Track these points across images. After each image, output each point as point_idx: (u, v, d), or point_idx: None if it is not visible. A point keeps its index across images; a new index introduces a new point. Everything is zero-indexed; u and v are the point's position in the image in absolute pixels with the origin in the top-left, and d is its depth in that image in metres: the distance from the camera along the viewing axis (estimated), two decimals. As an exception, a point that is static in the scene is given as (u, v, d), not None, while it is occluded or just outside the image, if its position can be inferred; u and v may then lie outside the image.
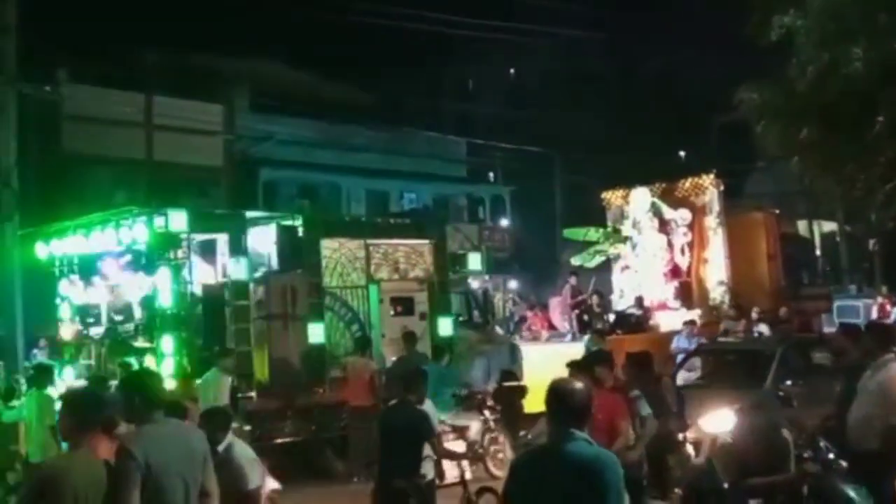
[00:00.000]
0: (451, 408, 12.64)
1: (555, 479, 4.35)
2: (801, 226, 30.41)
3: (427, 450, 7.73)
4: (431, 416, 8.03)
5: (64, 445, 6.96)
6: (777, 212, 23.36)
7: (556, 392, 4.62)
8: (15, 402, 11.68)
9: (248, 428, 11.56)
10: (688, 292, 21.60)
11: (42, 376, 11.08)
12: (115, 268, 14.02)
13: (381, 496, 7.79)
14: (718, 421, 10.13)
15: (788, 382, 12.27)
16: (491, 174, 37.26)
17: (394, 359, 14.00)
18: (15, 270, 16.19)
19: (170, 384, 11.30)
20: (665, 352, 16.48)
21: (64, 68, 22.54)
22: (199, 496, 5.12)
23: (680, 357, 15.42)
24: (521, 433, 13.57)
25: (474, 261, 18.02)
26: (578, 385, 4.68)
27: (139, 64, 24.88)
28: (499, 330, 19.29)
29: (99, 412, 5.12)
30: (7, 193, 16.32)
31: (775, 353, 12.84)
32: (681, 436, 9.61)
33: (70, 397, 5.44)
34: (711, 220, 21.54)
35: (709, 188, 21.63)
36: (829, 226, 34.27)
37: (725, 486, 7.42)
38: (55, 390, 11.16)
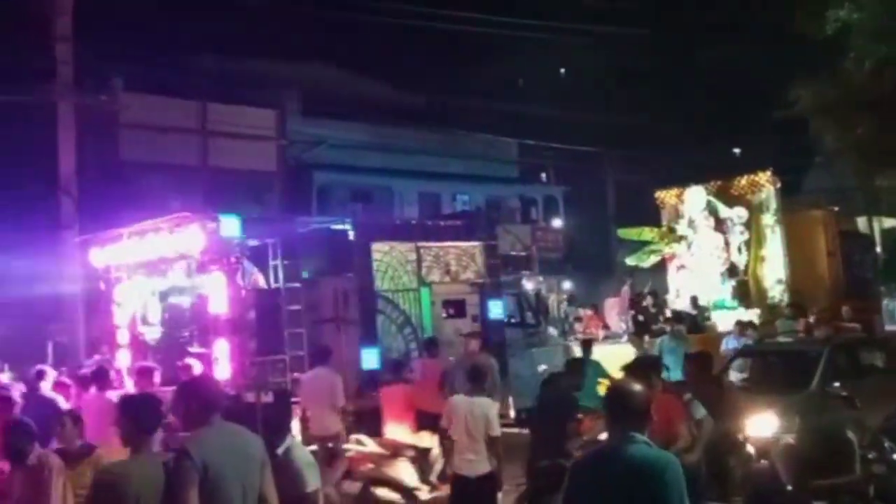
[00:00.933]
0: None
1: (615, 482, 4.29)
2: (861, 222, 29.77)
3: None
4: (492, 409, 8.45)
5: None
6: (836, 208, 22.92)
7: (616, 394, 4.60)
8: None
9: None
10: (745, 291, 21.30)
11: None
12: (170, 273, 14.17)
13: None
14: (762, 424, 9.93)
15: (836, 384, 11.94)
16: (543, 175, 37.10)
17: (451, 359, 13.96)
18: (75, 277, 16.53)
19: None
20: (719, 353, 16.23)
21: (119, 77, 22.91)
22: (258, 502, 5.11)
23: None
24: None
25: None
26: (638, 387, 4.64)
27: (193, 71, 25.24)
28: (552, 331, 19.18)
29: (157, 415, 5.16)
30: (66, 202, 16.68)
31: (821, 354, 12.42)
32: (741, 437, 9.44)
33: (127, 402, 5.49)
34: (769, 218, 21.21)
35: (765, 185, 21.30)
36: (890, 222, 33.52)
37: (789, 488, 7.28)
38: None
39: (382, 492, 10.36)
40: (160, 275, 14.23)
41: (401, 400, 11.45)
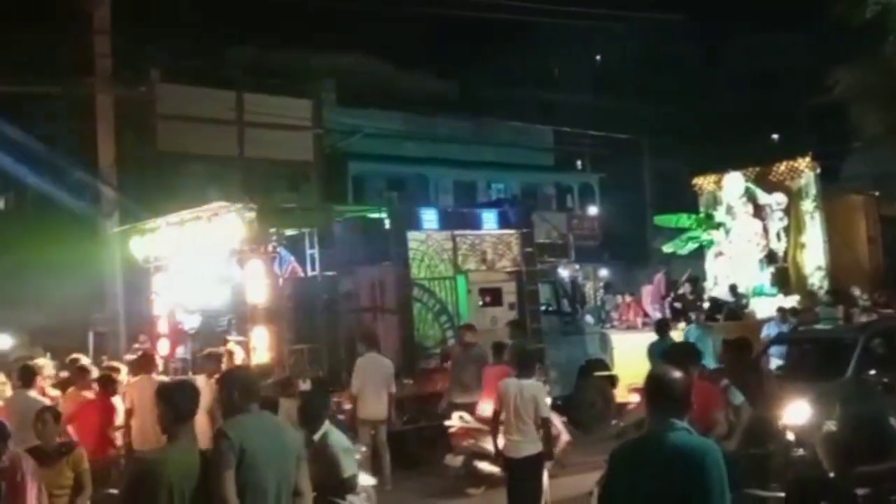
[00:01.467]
0: None
1: (656, 469, 4.29)
2: (902, 207, 29.35)
3: None
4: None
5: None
6: (876, 194, 22.61)
7: (656, 381, 4.58)
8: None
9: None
10: (785, 278, 21.10)
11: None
12: (208, 263, 14.29)
13: None
14: (795, 413, 9.83)
15: (872, 372, 11.59)
16: (579, 162, 36.93)
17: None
18: (115, 267, 16.73)
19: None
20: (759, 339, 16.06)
21: (157, 69, 23.10)
22: (293, 495, 5.14)
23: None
24: (613, 422, 13.46)
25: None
26: (677, 374, 4.61)
27: (230, 62, 25.40)
28: (589, 319, 19.10)
29: (195, 403, 5.19)
30: (106, 192, 16.86)
31: (857, 341, 12.04)
32: (780, 424, 9.36)
33: (165, 389, 5.54)
34: (808, 204, 20.97)
35: (805, 171, 21.06)
36: (932, 207, 33.02)
37: (831, 475, 7.21)
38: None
39: (483, 464, 10.93)
40: (198, 264, 14.35)
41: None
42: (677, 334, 15.81)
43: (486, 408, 11.26)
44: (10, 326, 17.31)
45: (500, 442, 8.84)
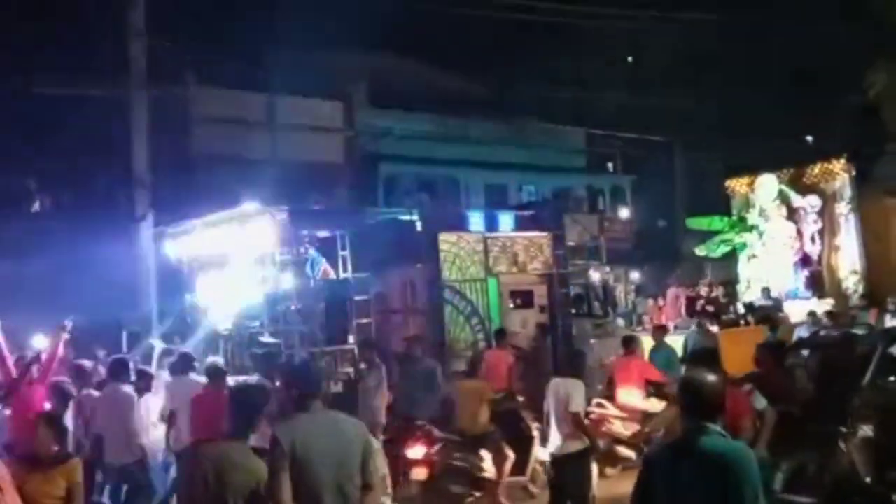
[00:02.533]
0: None
1: (690, 472, 4.30)
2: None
3: None
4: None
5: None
6: (913, 196, 22.31)
7: (690, 385, 4.57)
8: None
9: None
10: (819, 281, 20.90)
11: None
12: (241, 264, 14.39)
13: None
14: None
15: (892, 378, 11.46)
16: (610, 164, 36.76)
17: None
18: (149, 268, 16.88)
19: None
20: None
21: (191, 71, 23.28)
22: (361, 488, 5.19)
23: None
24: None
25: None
26: (712, 377, 4.60)
27: (262, 64, 25.54)
28: (620, 322, 19.04)
29: (264, 406, 5.40)
30: (141, 194, 17.01)
31: (876, 347, 11.61)
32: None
33: (238, 391, 5.62)
34: (843, 207, 20.78)
35: (840, 173, 20.87)
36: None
37: (867, 480, 7.14)
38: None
39: (621, 448, 11.77)
40: (231, 265, 14.46)
41: (634, 370, 12.44)
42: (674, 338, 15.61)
43: (624, 395, 12.24)
44: (45, 327, 17.48)
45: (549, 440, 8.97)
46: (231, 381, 9.85)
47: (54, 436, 6.74)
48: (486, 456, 10.57)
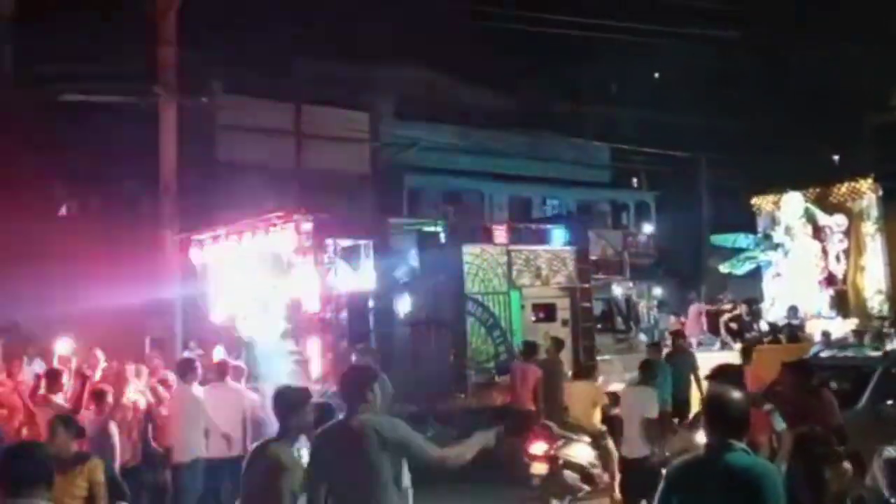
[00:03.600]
0: None
1: (713, 489, 4.29)
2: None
3: None
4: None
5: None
6: (941, 216, 22.11)
7: (715, 401, 4.58)
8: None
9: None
10: (844, 301, 20.73)
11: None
12: (265, 271, 14.44)
13: None
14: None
15: (889, 402, 11.03)
16: (635, 179, 36.66)
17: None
18: (173, 274, 16.97)
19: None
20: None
21: (218, 80, 23.45)
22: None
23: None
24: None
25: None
26: (737, 394, 4.60)
27: (289, 74, 25.69)
28: (642, 337, 18.96)
29: (305, 407, 5.66)
30: (167, 201, 17.10)
31: (875, 369, 11.51)
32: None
33: (279, 394, 5.84)
34: (869, 227, 20.61)
35: (866, 192, 20.70)
36: None
37: (892, 501, 7.06)
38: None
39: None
40: (256, 273, 14.51)
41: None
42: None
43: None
44: (70, 331, 17.60)
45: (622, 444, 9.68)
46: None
47: (72, 436, 6.87)
48: (595, 454, 11.07)
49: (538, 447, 11.16)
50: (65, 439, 6.78)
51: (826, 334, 17.25)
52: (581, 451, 11.01)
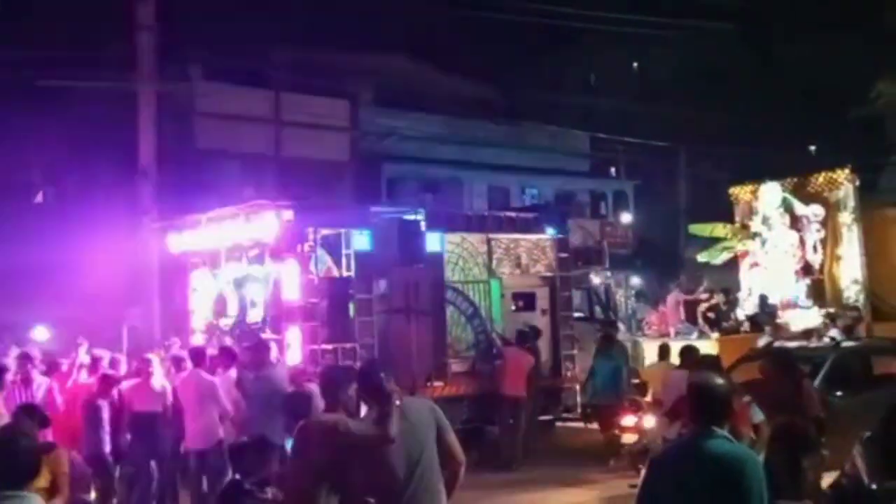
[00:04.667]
0: None
1: (695, 477, 4.31)
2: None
3: None
4: None
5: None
6: (917, 207, 22.27)
7: (698, 388, 4.57)
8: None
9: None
10: (820, 291, 20.85)
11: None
12: (243, 260, 14.39)
13: None
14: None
15: (839, 393, 11.15)
16: (613, 169, 36.78)
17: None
18: (151, 262, 16.88)
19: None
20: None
21: (197, 66, 23.30)
22: (448, 461, 5.24)
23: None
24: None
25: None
26: (720, 381, 4.62)
27: (268, 61, 25.56)
28: (620, 327, 19.06)
29: (349, 385, 5.50)
30: (145, 188, 17.02)
31: (826, 359, 11.60)
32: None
33: (324, 372, 6.09)
34: (846, 217, 20.69)
35: (844, 183, 20.78)
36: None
37: (872, 487, 7.13)
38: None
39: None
40: (235, 261, 14.46)
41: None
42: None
43: None
44: (47, 320, 17.50)
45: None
46: None
47: (37, 426, 6.80)
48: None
49: (629, 419, 12.57)
50: (29, 429, 6.70)
51: (775, 326, 17.45)
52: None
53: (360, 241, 13.41)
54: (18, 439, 4.56)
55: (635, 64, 38.31)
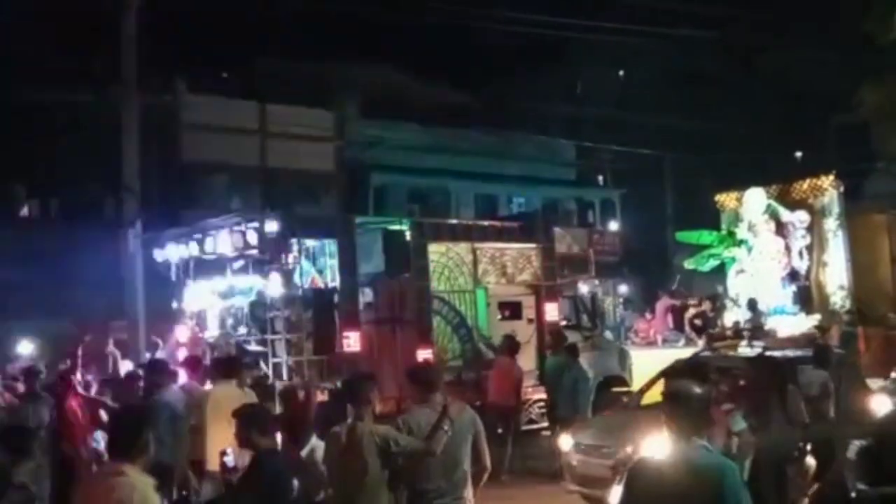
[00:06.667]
0: None
1: (673, 487, 4.26)
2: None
3: None
4: None
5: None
6: (901, 213, 22.37)
7: (675, 396, 4.49)
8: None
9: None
10: (807, 297, 20.91)
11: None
12: (228, 272, 14.35)
13: None
14: (651, 447, 9.39)
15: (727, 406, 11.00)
16: (600, 177, 36.81)
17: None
18: (137, 275, 16.83)
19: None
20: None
21: (182, 78, 23.24)
22: (475, 462, 6.26)
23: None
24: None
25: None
26: (698, 389, 4.51)
27: (253, 73, 25.53)
28: (608, 335, 19.05)
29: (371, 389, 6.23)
30: (129, 200, 16.97)
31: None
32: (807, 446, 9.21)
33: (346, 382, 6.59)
34: (831, 223, 20.79)
35: (828, 189, 20.88)
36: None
37: (853, 495, 7.11)
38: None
39: None
40: (219, 273, 14.42)
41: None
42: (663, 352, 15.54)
43: None
44: (32, 333, 17.42)
45: None
46: None
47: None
48: None
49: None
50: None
51: (710, 335, 17.50)
52: None
53: (345, 251, 13.35)
54: None
55: (620, 72, 38.38)
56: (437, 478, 6.07)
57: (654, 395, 11.31)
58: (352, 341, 12.93)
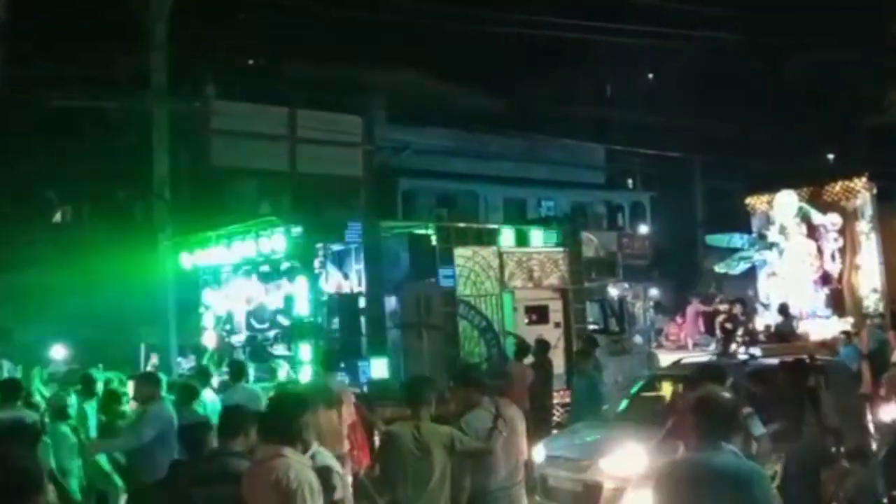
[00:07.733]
0: None
1: (702, 492, 4.23)
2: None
3: None
4: None
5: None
6: (934, 216, 22.05)
7: (703, 402, 4.49)
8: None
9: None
10: (839, 300, 20.66)
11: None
12: (255, 277, 14.42)
13: None
14: (624, 461, 9.01)
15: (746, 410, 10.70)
16: (630, 180, 36.66)
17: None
18: (167, 280, 16.93)
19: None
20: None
21: (211, 85, 23.43)
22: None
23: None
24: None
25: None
26: (727, 395, 4.56)
27: (282, 78, 25.68)
28: (638, 339, 18.91)
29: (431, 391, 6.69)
30: (160, 205, 17.08)
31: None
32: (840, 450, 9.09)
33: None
34: (864, 225, 20.52)
35: (861, 191, 20.61)
36: None
37: (884, 501, 7.03)
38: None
39: None
40: (247, 278, 14.49)
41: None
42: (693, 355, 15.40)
43: None
44: (64, 338, 17.58)
45: None
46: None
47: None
48: None
49: None
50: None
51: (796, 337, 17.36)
52: None
53: (371, 256, 13.36)
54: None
55: (650, 75, 38.22)
56: (500, 469, 6.94)
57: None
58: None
